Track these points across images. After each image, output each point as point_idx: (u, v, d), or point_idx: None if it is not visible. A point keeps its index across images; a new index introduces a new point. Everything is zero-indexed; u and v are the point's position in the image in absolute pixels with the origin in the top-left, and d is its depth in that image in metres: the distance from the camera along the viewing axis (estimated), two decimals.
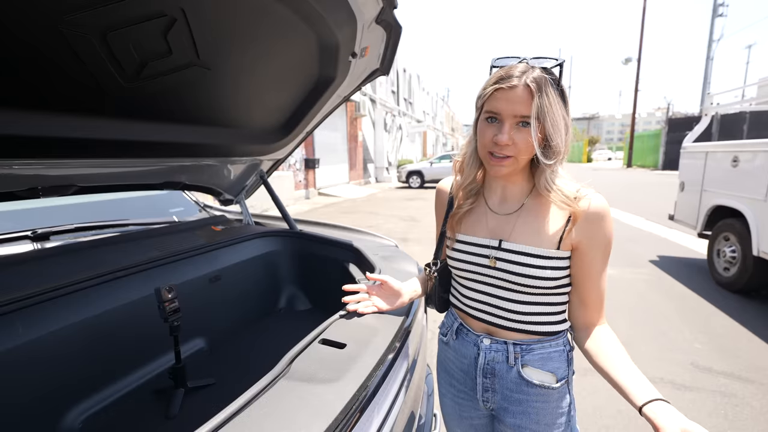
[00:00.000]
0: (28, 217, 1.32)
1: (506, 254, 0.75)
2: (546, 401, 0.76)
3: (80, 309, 0.98)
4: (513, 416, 0.78)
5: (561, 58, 0.70)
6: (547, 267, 0.72)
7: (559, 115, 0.68)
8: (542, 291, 0.75)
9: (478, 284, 0.81)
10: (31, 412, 0.90)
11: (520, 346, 0.77)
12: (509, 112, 0.67)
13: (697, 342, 2.57)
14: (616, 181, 15.10)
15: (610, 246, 0.73)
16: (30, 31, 0.67)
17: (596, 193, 0.72)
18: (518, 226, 0.76)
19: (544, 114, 0.66)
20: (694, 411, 1.90)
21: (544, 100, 0.65)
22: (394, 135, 19.72)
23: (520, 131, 0.68)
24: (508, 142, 0.68)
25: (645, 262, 4.36)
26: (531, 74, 0.66)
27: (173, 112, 1.12)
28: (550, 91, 0.66)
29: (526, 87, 0.65)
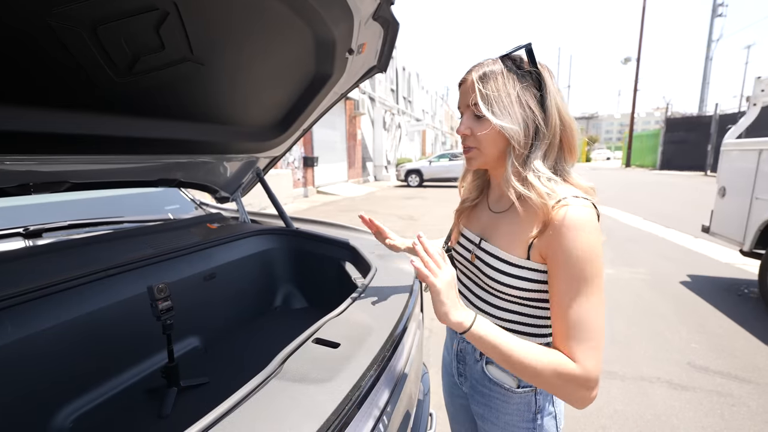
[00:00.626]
0: (21, 213, 1.30)
1: (482, 254, 0.74)
2: (506, 402, 0.75)
3: (72, 307, 0.97)
4: (478, 405, 0.81)
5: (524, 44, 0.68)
6: (516, 276, 0.67)
7: (512, 101, 0.65)
8: (512, 299, 0.71)
9: (462, 276, 0.83)
10: (20, 411, 0.89)
11: None
12: (462, 104, 0.72)
13: (694, 342, 2.57)
14: (615, 181, 15.12)
15: (583, 268, 0.60)
16: (17, 24, 0.66)
17: (582, 204, 0.62)
18: (501, 227, 0.73)
19: (489, 101, 0.66)
20: (690, 411, 1.90)
21: (490, 84, 0.66)
22: (393, 133, 19.69)
23: (478, 122, 0.69)
24: (465, 132, 0.71)
25: (643, 262, 4.37)
26: (483, 68, 0.68)
27: (167, 108, 1.10)
28: (500, 78, 0.66)
29: (471, 78, 0.69)
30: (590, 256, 0.60)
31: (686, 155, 19.03)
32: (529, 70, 0.67)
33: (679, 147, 19.59)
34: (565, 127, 0.68)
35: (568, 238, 0.60)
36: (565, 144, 0.69)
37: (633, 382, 2.14)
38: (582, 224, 0.61)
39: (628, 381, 2.16)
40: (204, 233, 1.51)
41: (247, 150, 1.57)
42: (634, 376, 2.20)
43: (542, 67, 0.68)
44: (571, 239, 0.60)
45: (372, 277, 1.15)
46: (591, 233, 0.61)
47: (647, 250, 4.89)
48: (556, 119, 0.66)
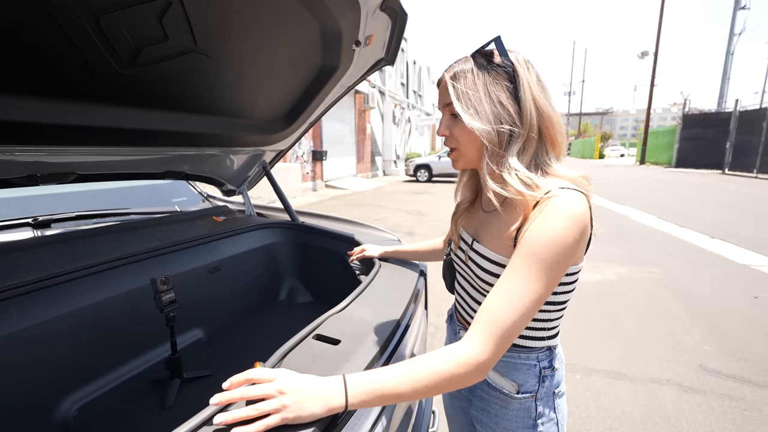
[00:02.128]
0: (30, 204, 1.32)
1: (474, 255, 0.72)
2: (505, 407, 0.73)
3: (78, 297, 0.98)
4: (477, 410, 0.79)
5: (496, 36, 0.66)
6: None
7: (481, 98, 0.63)
8: None
9: (460, 278, 0.81)
10: (27, 398, 0.90)
11: None
12: (440, 104, 0.71)
13: (707, 344, 2.51)
14: (629, 179, 14.83)
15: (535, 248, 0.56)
16: (18, 13, 0.65)
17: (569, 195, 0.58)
18: (490, 227, 0.71)
19: (460, 100, 0.65)
20: (700, 414, 1.86)
21: (458, 84, 0.65)
22: (403, 128, 19.59)
23: (454, 122, 0.69)
24: (444, 132, 0.71)
25: (655, 261, 4.28)
26: (455, 66, 0.68)
27: (172, 100, 1.10)
28: (470, 75, 0.65)
29: (444, 78, 0.69)
30: (549, 241, 0.56)
31: (703, 153, 18.53)
32: (501, 63, 0.64)
33: (696, 144, 19.07)
34: (543, 119, 0.64)
35: (540, 218, 0.57)
36: (546, 136, 0.65)
37: (642, 384, 2.10)
38: (561, 210, 0.57)
39: (637, 382, 2.12)
40: (210, 226, 1.51)
41: (253, 143, 1.56)
42: (644, 377, 2.16)
43: (517, 59, 0.65)
44: (541, 219, 0.57)
45: (376, 273, 1.13)
46: (567, 220, 0.56)
47: (661, 249, 4.79)
48: (531, 112, 0.63)
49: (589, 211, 0.60)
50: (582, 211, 0.57)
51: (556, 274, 0.57)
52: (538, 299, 0.57)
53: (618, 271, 3.94)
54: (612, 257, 4.39)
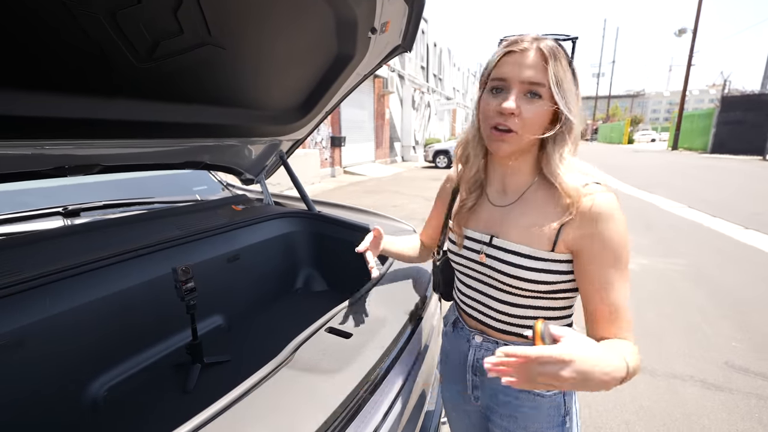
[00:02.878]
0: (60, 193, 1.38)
1: (496, 251, 0.69)
2: (536, 409, 0.71)
3: (104, 285, 1.03)
4: (500, 418, 0.76)
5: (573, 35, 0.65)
6: (540, 270, 0.65)
7: (572, 88, 0.62)
8: (534, 294, 0.68)
9: (470, 280, 0.77)
10: (61, 379, 0.97)
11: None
12: (517, 76, 0.61)
13: (735, 340, 2.41)
14: (659, 165, 14.17)
15: (620, 254, 0.61)
16: (39, 14, 0.67)
17: (605, 191, 0.62)
18: (512, 221, 0.69)
19: (559, 83, 0.60)
20: (724, 412, 1.80)
21: (558, 67, 0.60)
22: (422, 113, 19.27)
23: (529, 102, 0.62)
24: (514, 110, 0.61)
25: (683, 252, 4.11)
26: (543, 41, 0.62)
27: (190, 92, 1.11)
28: (563, 62, 0.61)
29: (538, 51, 0.60)
30: (624, 243, 0.61)
31: (742, 138, 17.40)
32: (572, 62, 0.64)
33: (735, 128, 17.92)
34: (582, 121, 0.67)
35: (605, 226, 0.61)
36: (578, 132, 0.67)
37: (663, 379, 2.05)
38: (615, 212, 0.61)
39: (659, 377, 2.07)
40: (229, 215, 1.55)
41: (270, 133, 1.57)
42: (666, 372, 2.11)
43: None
44: (607, 228, 0.61)
45: (390, 265, 1.14)
46: (622, 220, 0.62)
47: (689, 239, 4.59)
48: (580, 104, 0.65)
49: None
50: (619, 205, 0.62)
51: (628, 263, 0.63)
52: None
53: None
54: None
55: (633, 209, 6.31)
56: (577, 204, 0.61)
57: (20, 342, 0.85)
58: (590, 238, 0.61)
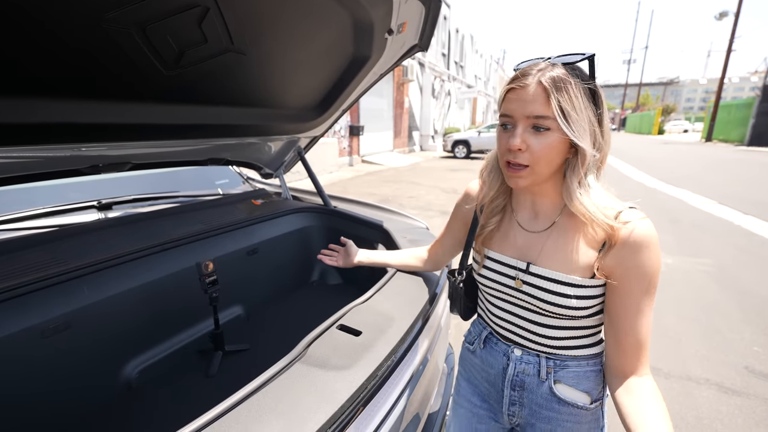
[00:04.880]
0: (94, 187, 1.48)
1: (533, 278, 0.69)
2: (578, 422, 0.72)
3: (135, 276, 1.12)
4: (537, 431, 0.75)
5: (589, 53, 0.61)
6: (579, 296, 0.65)
7: (584, 117, 0.60)
8: (569, 317, 0.68)
9: (504, 303, 0.77)
10: (98, 361, 1.07)
11: (554, 360, 0.72)
12: (521, 112, 0.61)
13: (757, 345, 2.35)
14: (690, 158, 13.53)
15: (653, 282, 0.62)
16: (78, 31, 0.73)
17: (642, 218, 0.62)
18: (548, 247, 0.69)
19: (566, 112, 0.58)
20: (739, 417, 1.78)
21: (563, 97, 0.58)
22: (442, 101, 18.97)
23: (537, 136, 0.61)
24: (520, 146, 0.61)
25: (709, 251, 3.97)
26: (548, 72, 0.60)
27: (213, 95, 1.17)
28: (571, 89, 0.59)
29: (539, 84, 0.59)
30: (659, 269, 0.63)
31: None
32: (590, 82, 0.62)
33: None
34: (605, 137, 0.65)
35: (643, 256, 0.62)
36: (604, 157, 0.67)
37: (678, 381, 2.03)
38: (653, 241, 0.62)
39: (673, 379, 2.05)
40: (248, 210, 1.62)
41: (288, 131, 1.62)
42: (681, 375, 2.09)
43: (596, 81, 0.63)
44: (645, 257, 0.62)
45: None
46: (658, 249, 0.63)
47: (717, 238, 4.42)
48: (608, 136, 0.65)
49: None
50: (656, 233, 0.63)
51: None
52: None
53: (664, 261, 3.71)
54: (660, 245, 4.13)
55: (658, 204, 6.10)
56: (614, 234, 0.62)
57: (67, 325, 0.95)
58: (629, 268, 0.62)
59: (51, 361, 0.95)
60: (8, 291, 0.85)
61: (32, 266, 0.94)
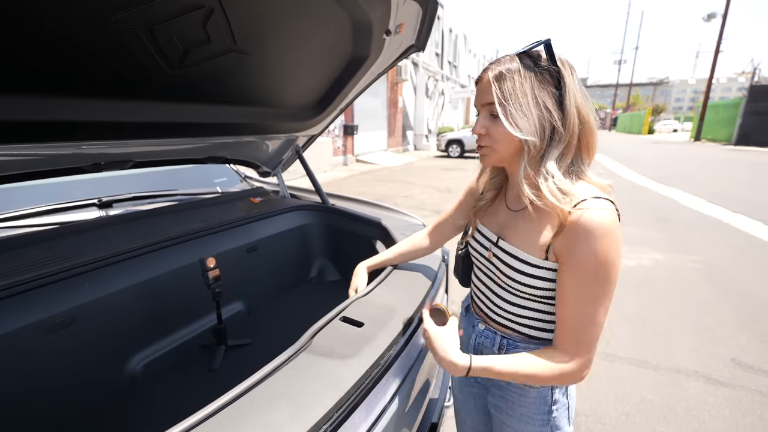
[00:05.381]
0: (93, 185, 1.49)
1: (500, 252, 0.75)
2: (523, 395, 0.78)
3: (138, 272, 1.14)
4: (494, 397, 0.84)
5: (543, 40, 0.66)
6: (534, 275, 0.70)
7: (528, 101, 0.64)
8: (529, 296, 0.73)
9: (480, 273, 0.84)
10: (103, 356, 1.08)
11: (507, 339, 0.79)
12: (478, 102, 0.71)
13: (744, 338, 2.42)
14: (679, 157, 13.76)
15: (600, 274, 0.61)
16: (85, 31, 0.74)
17: (602, 207, 0.61)
18: (518, 226, 0.74)
19: (505, 99, 0.65)
20: (726, 408, 1.84)
21: (506, 85, 0.65)
22: (436, 101, 19.05)
23: (493, 122, 0.69)
24: (479, 131, 0.71)
25: (699, 249, 4.06)
26: (501, 65, 0.66)
27: (214, 94, 1.18)
28: (517, 77, 0.64)
29: (487, 76, 0.68)
30: (604, 263, 0.61)
31: None
32: (548, 67, 0.65)
33: (763, 119, 17.14)
34: (584, 126, 0.66)
35: (585, 243, 0.61)
36: (584, 143, 0.67)
37: (667, 373, 2.09)
38: (601, 230, 0.61)
39: (662, 372, 2.11)
40: (247, 207, 1.64)
41: (287, 130, 1.64)
42: (670, 367, 2.15)
43: (562, 63, 0.65)
44: (587, 244, 0.61)
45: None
46: (609, 239, 0.61)
47: (706, 235, 4.52)
48: (574, 119, 0.65)
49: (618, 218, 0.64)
50: (616, 223, 0.62)
51: (613, 284, 0.64)
52: (606, 309, 0.65)
53: (655, 257, 3.79)
54: (650, 243, 4.21)
55: (649, 202, 6.21)
56: (564, 218, 0.63)
57: (73, 320, 0.96)
58: (571, 252, 0.63)
59: (56, 356, 0.96)
60: (13, 287, 0.86)
61: (35, 263, 0.96)
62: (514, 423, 0.80)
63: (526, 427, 0.79)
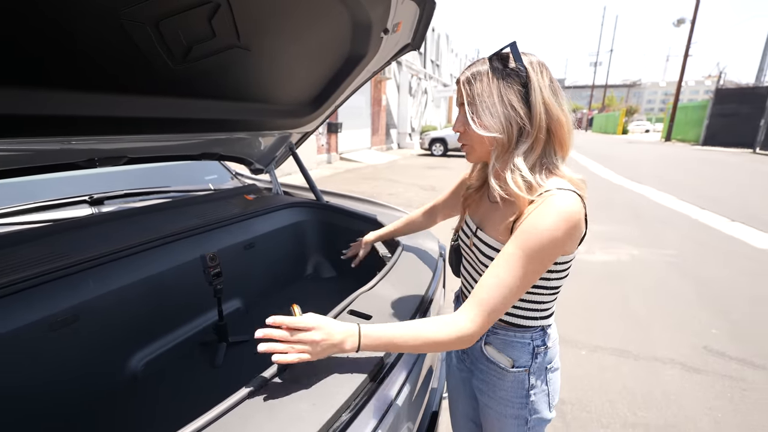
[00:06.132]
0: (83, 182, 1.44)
1: (478, 242, 0.80)
2: (501, 379, 0.82)
3: (138, 269, 1.12)
4: (477, 380, 0.89)
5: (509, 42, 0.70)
6: None
7: (495, 101, 0.68)
8: None
9: (466, 261, 0.89)
10: (104, 354, 1.06)
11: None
12: (457, 102, 0.76)
13: (714, 327, 2.57)
14: (652, 156, 14.34)
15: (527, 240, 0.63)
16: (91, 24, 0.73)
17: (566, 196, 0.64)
18: (494, 217, 0.77)
19: (472, 100, 0.70)
20: (700, 392, 1.96)
21: (474, 86, 0.70)
22: (419, 99, 19.15)
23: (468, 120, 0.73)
24: (458, 129, 0.76)
25: (671, 243, 4.27)
26: (472, 68, 0.72)
27: (213, 90, 1.17)
28: (485, 78, 0.69)
29: (461, 77, 0.74)
30: (539, 234, 0.63)
31: (734, 130, 17.57)
32: (515, 67, 0.68)
33: (728, 121, 18.07)
34: (552, 122, 0.68)
35: (535, 213, 0.64)
36: (555, 138, 0.70)
37: (646, 362, 2.20)
38: (554, 207, 0.63)
39: (641, 360, 2.22)
40: (242, 205, 1.63)
41: (282, 126, 1.64)
42: (648, 356, 2.26)
43: (530, 62, 0.68)
44: (536, 215, 0.64)
45: (399, 253, 1.23)
46: (557, 216, 0.63)
47: (677, 231, 4.75)
48: (541, 115, 0.67)
49: (584, 209, 0.66)
50: (574, 209, 0.64)
51: (542, 264, 0.65)
52: (523, 284, 0.65)
53: (631, 252, 3.97)
54: (626, 238, 4.40)
55: (623, 200, 6.47)
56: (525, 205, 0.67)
57: (75, 318, 0.94)
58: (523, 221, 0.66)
59: (59, 353, 0.94)
60: (15, 284, 0.84)
61: (34, 260, 0.93)
62: (495, 405, 0.84)
63: (506, 409, 0.83)
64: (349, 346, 0.65)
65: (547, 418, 0.83)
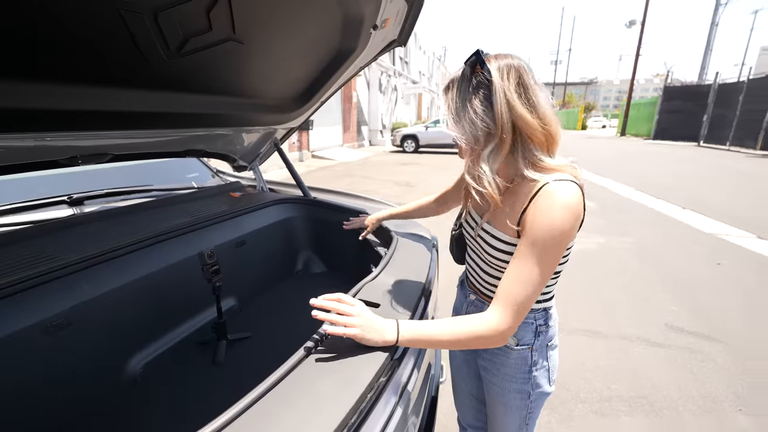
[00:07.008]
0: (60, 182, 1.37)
1: (482, 232, 0.84)
2: (506, 356, 0.88)
3: (133, 269, 1.08)
4: (482, 360, 0.94)
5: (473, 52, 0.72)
6: (507, 252, 0.78)
7: (462, 105, 0.72)
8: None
9: (470, 250, 0.94)
10: (102, 357, 1.02)
11: None
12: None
13: (674, 305, 2.80)
14: (610, 150, 15.20)
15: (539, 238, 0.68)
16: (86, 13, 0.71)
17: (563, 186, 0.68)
18: (498, 211, 0.80)
19: (448, 108, 0.76)
20: (664, 365, 2.13)
21: (449, 94, 0.76)
22: (389, 96, 19.23)
23: None
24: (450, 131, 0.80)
25: (632, 231, 4.58)
26: (450, 77, 0.77)
27: (203, 84, 1.15)
28: (456, 86, 0.74)
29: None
30: (550, 230, 0.67)
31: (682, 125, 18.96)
32: (480, 72, 0.70)
33: (676, 116, 19.47)
34: (517, 119, 0.69)
35: (542, 209, 0.68)
36: (529, 135, 0.71)
37: (615, 341, 2.37)
38: (559, 202, 0.67)
39: (611, 339, 2.38)
40: (229, 202, 1.60)
41: (268, 122, 1.62)
42: (616, 335, 2.43)
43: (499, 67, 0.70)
44: (543, 211, 0.68)
45: (395, 245, 1.26)
46: (564, 210, 0.67)
47: (636, 219, 5.10)
48: (503, 116, 0.69)
49: (582, 195, 0.70)
50: (577, 200, 0.68)
51: (557, 256, 0.71)
52: (544, 278, 0.70)
53: (598, 241, 4.22)
54: (593, 228, 4.67)
55: (589, 192, 6.81)
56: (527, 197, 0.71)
57: (70, 322, 0.90)
58: (527, 219, 0.70)
59: (54, 359, 0.89)
60: (5, 288, 0.79)
61: (21, 264, 0.88)
62: (500, 381, 0.90)
63: (510, 384, 0.89)
64: (389, 336, 0.71)
65: (548, 391, 0.89)
